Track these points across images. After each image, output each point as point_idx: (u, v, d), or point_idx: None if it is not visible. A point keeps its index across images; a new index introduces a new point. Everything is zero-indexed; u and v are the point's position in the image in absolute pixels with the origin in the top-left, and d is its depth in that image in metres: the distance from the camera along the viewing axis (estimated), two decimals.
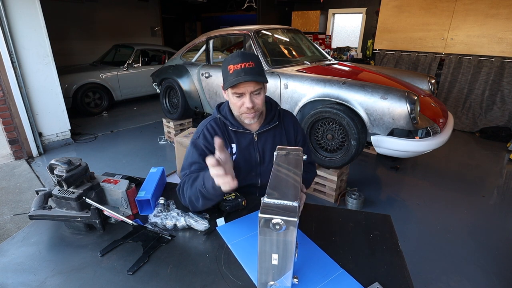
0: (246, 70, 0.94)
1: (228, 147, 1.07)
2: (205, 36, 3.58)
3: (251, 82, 0.96)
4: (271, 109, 1.12)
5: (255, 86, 0.97)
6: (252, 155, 1.10)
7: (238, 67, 0.94)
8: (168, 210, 0.95)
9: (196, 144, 1.05)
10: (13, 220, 2.15)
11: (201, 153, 1.03)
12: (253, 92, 0.98)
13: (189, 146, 1.07)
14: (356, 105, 2.24)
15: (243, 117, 1.03)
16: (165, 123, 3.90)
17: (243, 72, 0.93)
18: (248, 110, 0.99)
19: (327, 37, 6.36)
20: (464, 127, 4.14)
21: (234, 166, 1.05)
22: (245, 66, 0.94)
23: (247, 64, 0.94)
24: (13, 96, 3.03)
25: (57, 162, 0.86)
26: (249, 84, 0.96)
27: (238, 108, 1.01)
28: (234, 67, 0.94)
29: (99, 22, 6.93)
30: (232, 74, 0.95)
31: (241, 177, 1.07)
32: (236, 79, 0.94)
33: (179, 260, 0.79)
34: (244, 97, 0.98)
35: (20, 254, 0.82)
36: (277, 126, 1.12)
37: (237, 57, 0.96)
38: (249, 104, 0.98)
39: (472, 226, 2.16)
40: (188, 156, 1.06)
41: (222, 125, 1.08)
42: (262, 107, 1.04)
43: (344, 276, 0.72)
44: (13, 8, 2.94)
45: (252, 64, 0.95)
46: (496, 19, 3.71)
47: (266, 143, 1.10)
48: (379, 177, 2.93)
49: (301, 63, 3.08)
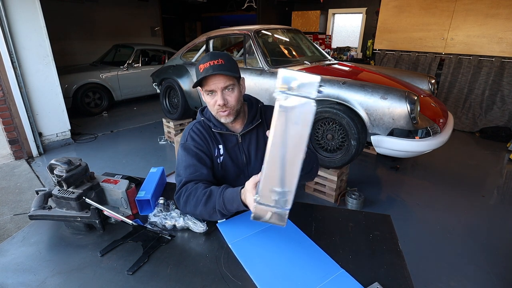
0: (214, 67, 0.93)
1: (215, 148, 1.06)
2: (205, 36, 3.58)
3: (219, 76, 0.94)
4: (252, 107, 1.10)
5: (226, 82, 0.95)
6: (238, 157, 1.08)
7: (207, 65, 0.93)
8: (168, 210, 0.95)
9: (186, 147, 1.04)
10: (13, 220, 2.15)
11: (194, 155, 1.02)
12: (225, 88, 0.96)
13: (180, 151, 1.06)
14: (356, 105, 2.24)
15: (219, 116, 1.01)
16: (165, 123, 3.90)
17: (211, 69, 0.93)
18: (221, 108, 0.97)
19: (327, 37, 6.36)
20: (464, 127, 4.13)
21: (223, 168, 1.06)
22: (213, 64, 0.93)
23: (216, 61, 0.94)
24: (13, 96, 3.03)
25: (57, 162, 0.86)
26: (218, 80, 0.95)
27: (212, 107, 1.00)
28: (203, 65, 0.94)
29: (99, 22, 6.93)
30: (202, 72, 0.94)
31: (230, 179, 1.07)
32: (202, 75, 0.93)
33: (179, 260, 0.79)
34: (216, 94, 0.97)
35: (20, 254, 0.82)
36: (260, 124, 1.09)
37: (206, 57, 0.96)
38: (221, 101, 0.96)
39: (472, 226, 2.16)
40: (181, 160, 1.04)
41: (207, 127, 1.07)
42: (236, 105, 1.00)
43: (344, 276, 0.72)
44: (13, 8, 2.94)
45: (221, 61, 0.94)
46: (496, 19, 3.71)
47: (251, 144, 1.09)
48: (379, 177, 2.93)
49: (301, 63, 3.08)
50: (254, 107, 1.10)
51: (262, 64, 2.89)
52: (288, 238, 0.85)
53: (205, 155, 1.03)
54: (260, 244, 0.83)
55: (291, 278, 0.71)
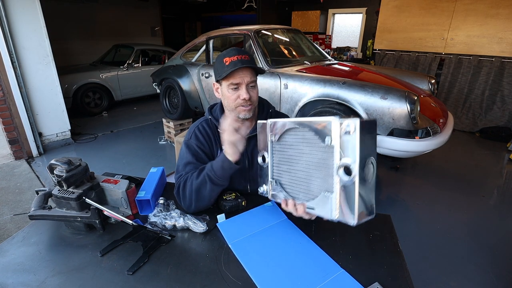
0: (243, 61, 0.94)
1: (218, 149, 1.06)
2: (205, 36, 3.58)
3: (249, 69, 0.95)
4: (263, 111, 1.10)
5: (252, 77, 0.97)
6: (240, 160, 1.07)
7: (234, 59, 0.93)
8: (168, 210, 0.95)
9: (189, 145, 1.05)
10: (13, 220, 2.15)
11: (194, 153, 1.02)
12: (249, 84, 0.97)
13: (183, 147, 1.06)
14: (356, 105, 2.24)
15: (238, 111, 1.00)
16: (165, 123, 3.90)
17: (240, 62, 0.93)
18: (245, 102, 0.97)
19: (327, 37, 6.36)
20: (464, 127, 4.13)
21: None
22: (241, 58, 0.94)
23: (243, 56, 0.95)
24: (13, 96, 3.03)
25: (57, 162, 0.86)
26: (246, 74, 0.95)
27: (233, 101, 0.98)
28: (230, 59, 0.94)
29: (99, 22, 6.93)
30: (228, 65, 0.94)
31: (230, 182, 1.07)
32: (234, 67, 0.93)
33: (179, 260, 0.79)
34: (240, 88, 0.96)
35: (20, 254, 0.82)
36: None
37: (232, 51, 0.96)
38: (246, 95, 0.96)
39: (472, 226, 2.16)
40: (182, 157, 1.05)
41: (213, 126, 1.07)
42: (256, 102, 1.02)
43: (344, 276, 0.72)
44: (13, 8, 2.94)
45: (247, 57, 0.96)
46: (496, 19, 3.71)
47: (255, 148, 1.06)
48: (379, 177, 2.93)
49: (301, 63, 3.08)
50: (265, 111, 1.10)
51: (262, 64, 2.89)
52: (288, 238, 0.85)
53: (206, 155, 1.04)
54: (260, 244, 0.83)
55: (291, 278, 0.71)
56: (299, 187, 0.78)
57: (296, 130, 0.76)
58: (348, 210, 0.65)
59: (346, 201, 0.65)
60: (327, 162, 0.67)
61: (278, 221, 0.92)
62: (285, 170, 0.83)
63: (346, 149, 0.63)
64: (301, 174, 0.76)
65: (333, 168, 0.65)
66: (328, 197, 0.67)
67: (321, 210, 0.70)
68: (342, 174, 0.63)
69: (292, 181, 0.80)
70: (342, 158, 0.63)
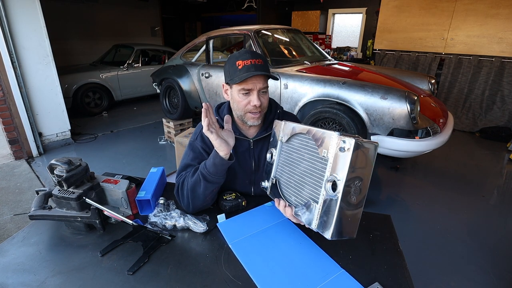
0: (257, 66, 0.91)
1: None
2: (205, 36, 3.58)
3: (262, 76, 0.93)
4: (271, 112, 1.08)
5: (264, 84, 0.95)
6: (247, 162, 1.06)
7: (248, 63, 0.91)
8: (168, 210, 0.95)
9: (193, 146, 1.03)
10: (13, 220, 2.15)
11: (197, 156, 1.02)
12: (260, 90, 0.95)
13: (187, 148, 1.06)
14: (356, 105, 2.24)
15: (247, 117, 0.98)
16: (165, 123, 3.90)
17: (253, 67, 0.91)
18: (255, 109, 0.95)
19: (327, 37, 6.36)
20: (464, 127, 4.14)
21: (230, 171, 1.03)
22: (255, 62, 0.91)
23: (257, 61, 0.92)
24: (13, 96, 3.03)
25: (57, 162, 0.86)
26: (259, 80, 0.93)
27: (243, 107, 0.96)
28: (243, 62, 0.91)
29: (99, 22, 6.93)
30: (241, 69, 0.91)
31: (235, 183, 1.06)
32: (247, 73, 0.90)
33: (179, 260, 0.79)
34: (252, 94, 0.94)
35: (20, 254, 0.82)
36: None
37: (246, 53, 0.93)
38: (257, 102, 0.93)
39: (472, 226, 2.16)
40: (184, 157, 1.04)
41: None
42: (266, 108, 1.01)
43: (344, 276, 0.72)
44: (13, 8, 2.94)
45: (261, 61, 0.93)
46: (496, 19, 3.71)
47: (262, 151, 1.06)
48: (379, 177, 2.93)
49: (301, 63, 3.08)
50: (272, 113, 1.07)
51: None
52: (288, 238, 0.86)
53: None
54: (260, 244, 0.83)
55: (291, 278, 0.71)
56: (293, 190, 0.82)
57: (303, 136, 0.80)
58: (326, 224, 0.67)
59: (325, 215, 0.67)
60: (320, 173, 0.70)
61: (278, 221, 0.92)
62: (286, 171, 0.87)
63: (337, 165, 0.65)
64: (297, 178, 0.80)
65: (323, 180, 0.68)
66: (313, 206, 0.71)
67: (305, 216, 0.73)
68: (328, 188, 0.66)
69: (288, 183, 0.84)
70: (332, 173, 0.66)
